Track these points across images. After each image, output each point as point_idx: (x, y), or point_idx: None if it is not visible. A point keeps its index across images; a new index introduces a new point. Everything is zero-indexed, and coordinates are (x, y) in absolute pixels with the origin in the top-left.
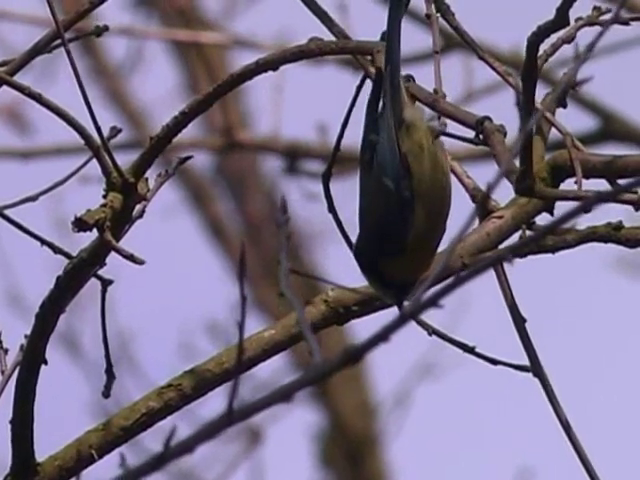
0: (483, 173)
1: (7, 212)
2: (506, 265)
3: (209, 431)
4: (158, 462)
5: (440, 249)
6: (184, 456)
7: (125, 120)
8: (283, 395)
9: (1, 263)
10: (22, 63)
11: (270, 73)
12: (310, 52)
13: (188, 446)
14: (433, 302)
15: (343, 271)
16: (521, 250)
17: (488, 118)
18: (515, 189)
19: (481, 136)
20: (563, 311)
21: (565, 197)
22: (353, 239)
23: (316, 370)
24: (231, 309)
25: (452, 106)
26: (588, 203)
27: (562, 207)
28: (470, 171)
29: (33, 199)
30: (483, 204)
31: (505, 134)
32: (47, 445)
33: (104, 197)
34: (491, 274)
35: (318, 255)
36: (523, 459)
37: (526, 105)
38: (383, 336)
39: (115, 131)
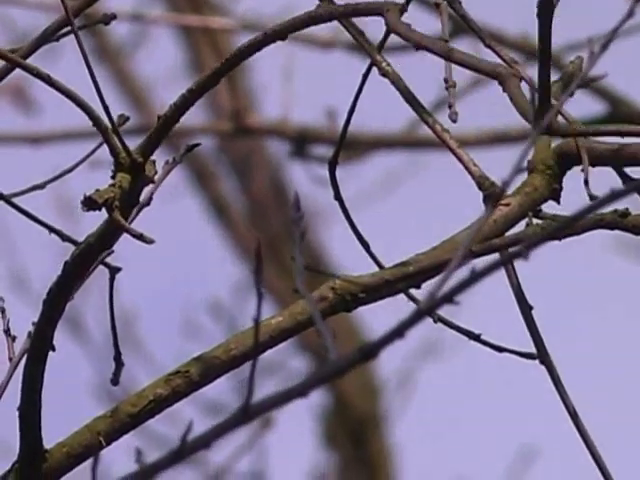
0: (490, 159)
1: (14, 199)
2: (521, 260)
3: (226, 427)
4: (175, 457)
5: (449, 238)
6: (201, 451)
7: (130, 101)
8: (299, 391)
9: (8, 249)
10: (31, 50)
11: (279, 56)
12: (319, 17)
13: (205, 442)
14: (449, 298)
15: (349, 252)
16: (538, 245)
17: (502, 66)
18: (533, 128)
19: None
20: (569, 297)
21: (585, 133)
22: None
23: (332, 367)
24: (235, 290)
25: (467, 55)
26: (604, 200)
27: (567, 196)
28: (476, 158)
29: (41, 187)
30: (491, 193)
31: (521, 79)
32: (55, 432)
33: (112, 178)
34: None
35: (324, 236)
36: (527, 440)
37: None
38: (398, 332)
39: (123, 119)
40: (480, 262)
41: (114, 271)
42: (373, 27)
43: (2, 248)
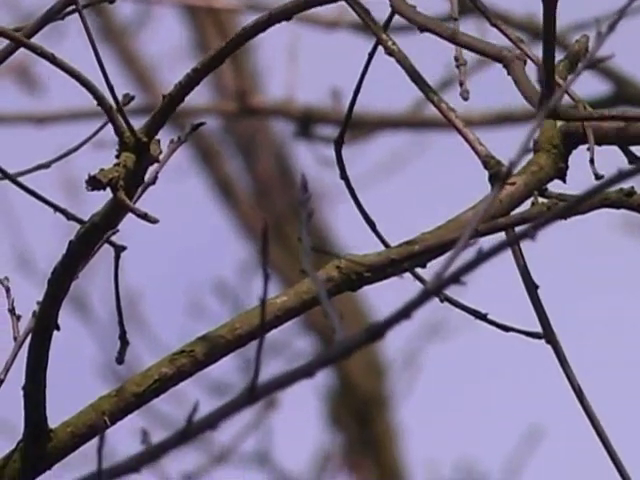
0: (495, 140)
1: (19, 179)
2: (528, 240)
3: (232, 408)
4: (181, 438)
5: (454, 217)
6: (207, 432)
7: (134, 81)
8: (306, 372)
9: (13, 228)
10: (35, 29)
11: (284, 36)
12: None
13: (211, 422)
14: (456, 278)
15: (354, 232)
16: (544, 225)
17: (507, 49)
18: (538, 112)
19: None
20: (575, 277)
21: (590, 118)
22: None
23: (338, 347)
24: (240, 270)
25: (472, 38)
26: (612, 180)
27: (574, 176)
28: (482, 138)
29: (46, 166)
30: (497, 172)
31: (525, 62)
32: (60, 411)
33: (117, 157)
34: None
35: (329, 217)
36: (533, 420)
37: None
38: (405, 312)
39: (128, 98)
40: (486, 242)
41: (119, 250)
42: (377, 10)
43: (7, 227)
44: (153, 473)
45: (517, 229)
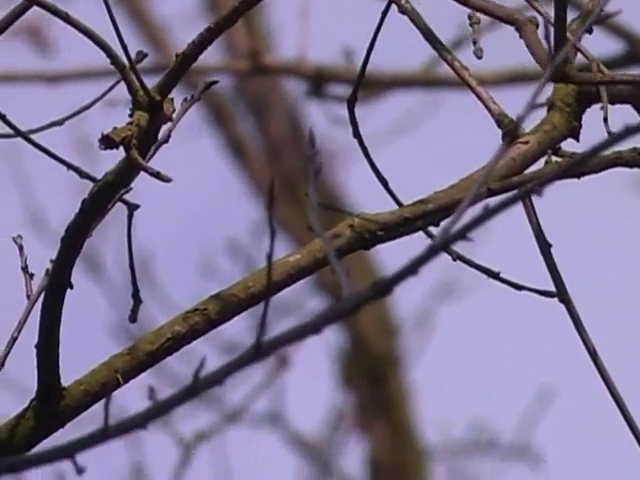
0: (509, 98)
1: (32, 137)
2: (535, 197)
3: (238, 364)
4: (187, 394)
5: (467, 176)
6: (214, 388)
7: (147, 41)
8: (313, 328)
9: (25, 187)
10: None
11: None
12: None
13: (218, 378)
14: (463, 234)
15: (367, 192)
16: (555, 182)
17: (519, 12)
18: (549, 75)
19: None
20: (587, 236)
21: (601, 82)
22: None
23: (346, 303)
24: (252, 229)
25: (484, 1)
26: (619, 135)
27: (587, 134)
28: (496, 96)
29: (59, 123)
30: (510, 130)
31: (537, 25)
32: (73, 370)
33: (130, 116)
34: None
35: (342, 176)
36: (546, 380)
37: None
38: (412, 268)
39: (141, 55)
40: (497, 200)
41: (132, 208)
42: None
43: (20, 186)
44: (166, 432)
45: (528, 186)
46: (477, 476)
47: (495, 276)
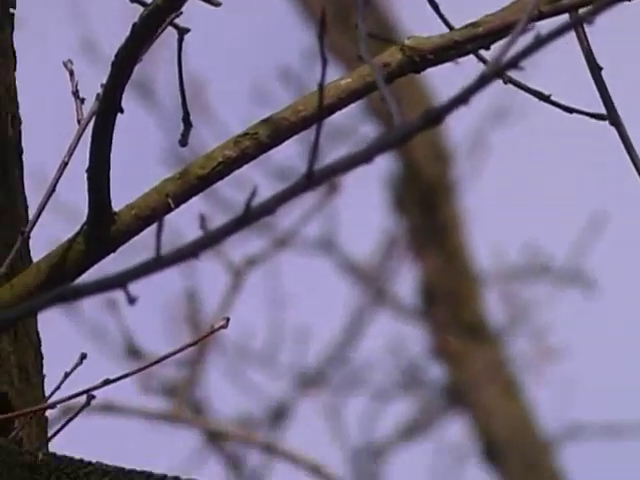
0: None
1: None
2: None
3: (290, 192)
4: (239, 223)
5: None
6: (265, 217)
7: None
8: (364, 157)
9: (77, 13)
10: None
11: None
12: None
13: (269, 208)
14: (515, 63)
15: (419, 21)
16: (606, 8)
17: None
18: None
19: None
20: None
21: None
22: None
23: (397, 132)
24: (304, 56)
25: None
26: None
27: None
28: None
29: None
30: None
31: None
32: (123, 196)
33: None
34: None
35: (393, 2)
36: (598, 206)
37: None
38: (463, 97)
39: None
40: (548, 24)
41: (182, 32)
42: None
43: (72, 12)
44: (217, 259)
45: (581, 11)
46: (530, 301)
47: (546, 99)
